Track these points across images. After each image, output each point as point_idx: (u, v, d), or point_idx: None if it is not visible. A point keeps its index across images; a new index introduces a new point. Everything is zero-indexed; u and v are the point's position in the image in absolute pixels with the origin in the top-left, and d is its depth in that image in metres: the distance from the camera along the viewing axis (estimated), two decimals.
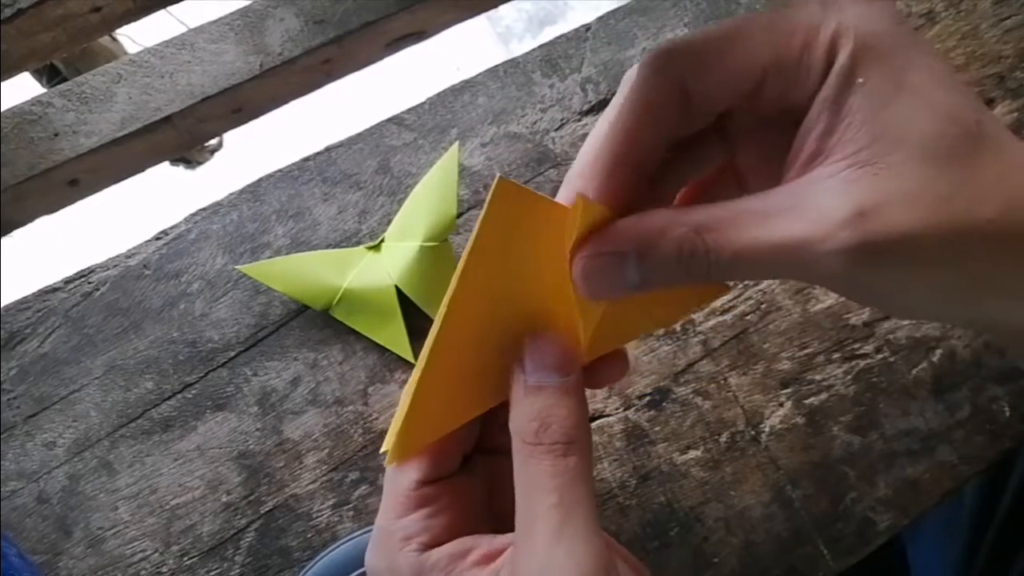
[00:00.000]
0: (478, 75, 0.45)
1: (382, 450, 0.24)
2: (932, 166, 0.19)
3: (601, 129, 0.22)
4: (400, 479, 0.24)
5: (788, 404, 0.38)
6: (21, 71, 0.54)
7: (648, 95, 0.21)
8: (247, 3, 0.55)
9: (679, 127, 0.22)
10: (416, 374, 0.23)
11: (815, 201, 0.20)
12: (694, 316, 0.40)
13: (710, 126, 0.23)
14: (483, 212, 0.22)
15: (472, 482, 0.25)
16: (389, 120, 0.44)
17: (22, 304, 0.41)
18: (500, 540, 0.23)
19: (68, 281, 0.41)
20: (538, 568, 0.21)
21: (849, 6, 0.20)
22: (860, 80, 0.20)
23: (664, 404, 0.38)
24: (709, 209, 0.20)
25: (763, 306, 0.40)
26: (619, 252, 0.21)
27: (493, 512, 0.26)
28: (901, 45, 0.20)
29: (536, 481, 0.22)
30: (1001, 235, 0.19)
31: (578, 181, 0.22)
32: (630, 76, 0.22)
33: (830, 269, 0.19)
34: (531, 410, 0.22)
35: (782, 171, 0.22)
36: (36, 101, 0.53)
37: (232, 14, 0.55)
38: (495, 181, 0.21)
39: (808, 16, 0.20)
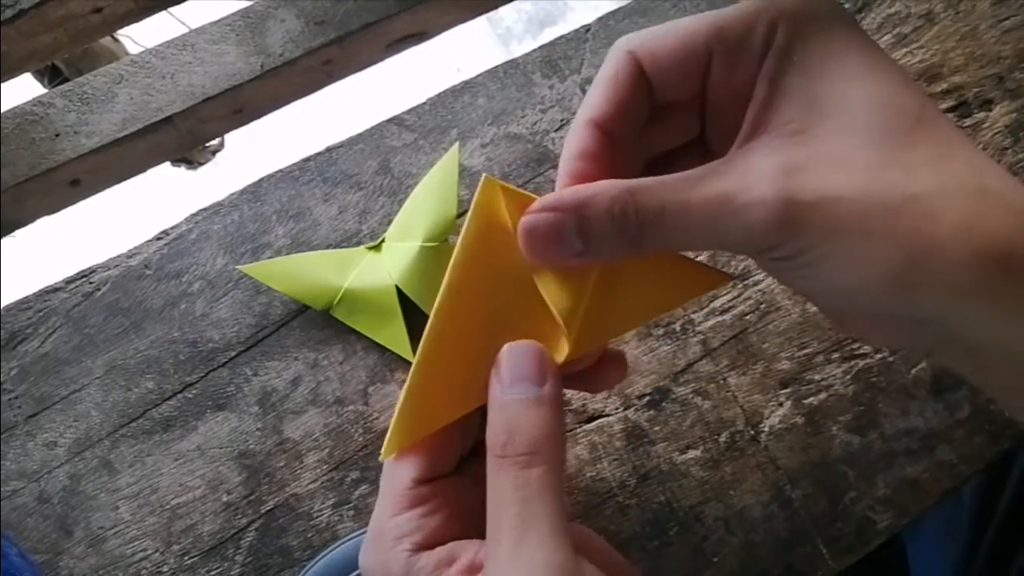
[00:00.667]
0: (478, 76, 0.45)
1: (381, 456, 0.24)
2: (862, 136, 0.20)
3: (578, 116, 0.24)
4: (396, 477, 0.24)
5: (787, 404, 0.38)
6: (22, 72, 0.54)
7: (614, 69, 0.23)
8: (248, 4, 0.56)
9: (644, 105, 0.24)
10: (412, 368, 0.24)
11: (744, 163, 0.21)
12: (693, 316, 0.40)
13: (686, 106, 0.24)
14: (470, 209, 0.23)
15: (467, 483, 0.25)
16: (390, 121, 0.44)
17: (23, 304, 0.41)
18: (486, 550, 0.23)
19: (69, 281, 0.41)
20: None
21: None
22: (795, 58, 0.21)
23: (664, 404, 0.38)
24: (649, 178, 0.22)
25: (762, 306, 0.40)
26: (558, 209, 0.22)
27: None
28: (837, 27, 0.21)
29: (501, 492, 0.22)
30: (932, 215, 0.19)
31: (563, 168, 0.24)
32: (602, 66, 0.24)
33: (752, 227, 0.20)
34: (501, 421, 0.23)
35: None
36: (37, 101, 0.53)
37: (233, 15, 0.55)
38: (482, 179, 0.23)
39: (751, 3, 0.22)
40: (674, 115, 0.25)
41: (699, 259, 0.39)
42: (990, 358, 0.21)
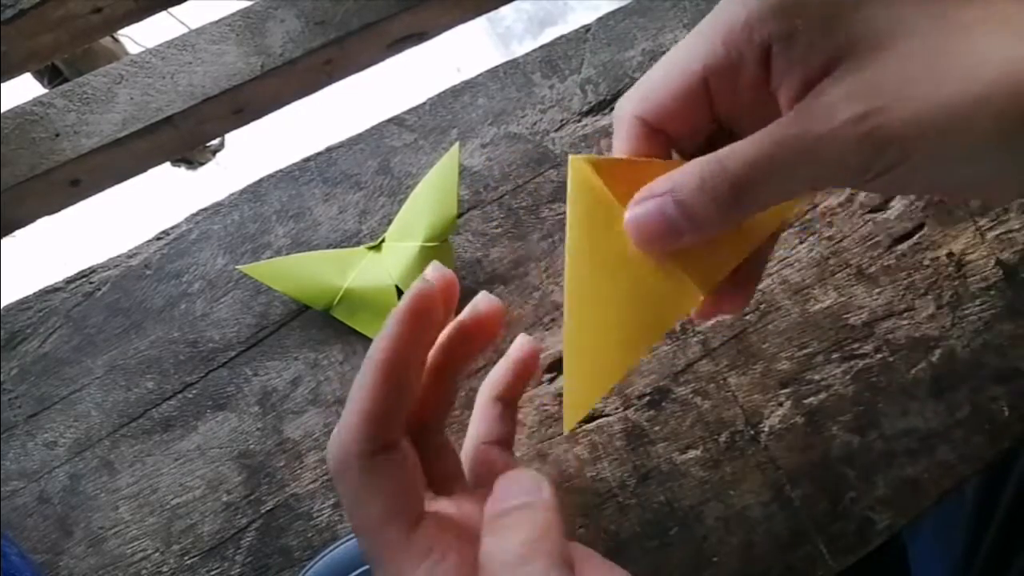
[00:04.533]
0: (478, 76, 0.45)
1: (565, 430, 0.25)
2: (910, 39, 0.20)
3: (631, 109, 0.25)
4: (381, 530, 0.24)
5: (787, 404, 0.38)
6: (23, 72, 0.54)
7: (628, 140, 0.25)
8: (248, 4, 0.56)
9: (665, 147, 0.25)
10: (564, 351, 0.25)
11: (813, 102, 0.21)
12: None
13: (709, 119, 0.25)
14: (568, 193, 0.24)
15: (403, 460, 0.25)
16: (390, 121, 0.44)
17: (23, 304, 0.41)
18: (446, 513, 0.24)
19: (69, 281, 0.41)
20: None
21: None
22: (800, 35, 0.21)
23: (664, 404, 0.38)
24: (733, 144, 0.22)
25: (762, 306, 0.40)
26: (654, 196, 0.23)
27: (429, 479, 0.26)
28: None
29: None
30: (1009, 65, 0.19)
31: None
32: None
33: (842, 148, 0.20)
34: (511, 528, 0.22)
35: None
36: (37, 101, 0.53)
37: (233, 15, 0.55)
38: (569, 162, 0.24)
39: (725, 13, 0.22)
40: (701, 135, 0.26)
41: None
42: None
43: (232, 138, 1.33)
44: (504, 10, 1.52)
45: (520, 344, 0.30)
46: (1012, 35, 0.20)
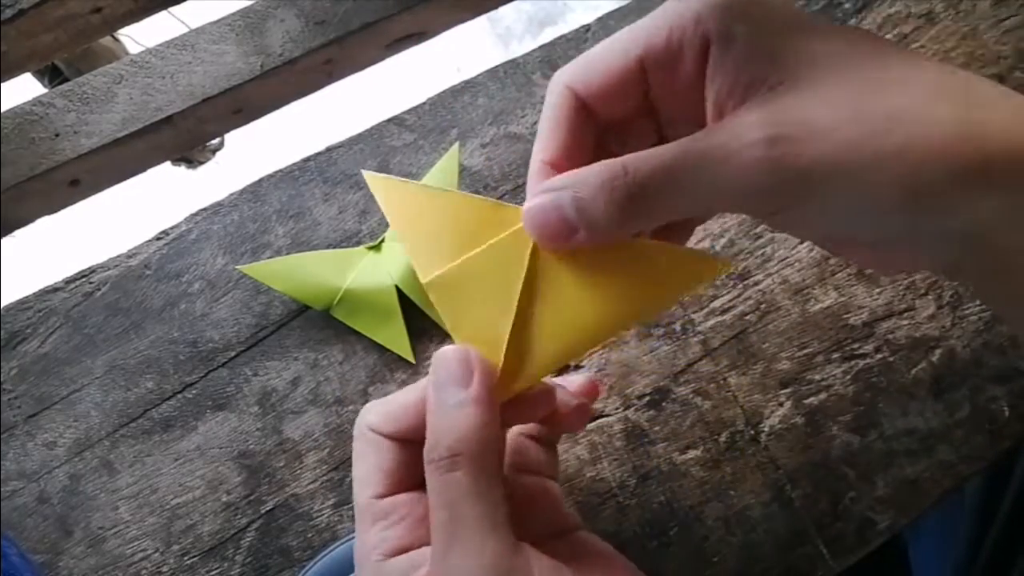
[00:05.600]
0: (478, 76, 0.45)
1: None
2: (834, 75, 0.20)
3: (532, 159, 0.25)
4: (358, 495, 0.25)
5: (787, 404, 0.38)
6: (22, 71, 0.54)
7: (555, 108, 0.24)
8: (248, 4, 0.56)
9: (591, 132, 0.25)
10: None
11: (729, 122, 0.21)
12: (693, 316, 0.40)
13: (641, 110, 0.25)
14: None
15: (423, 495, 0.26)
16: (389, 120, 0.44)
17: (23, 304, 0.41)
18: None
19: (69, 281, 0.41)
20: None
21: None
22: (739, 39, 0.21)
23: (664, 404, 0.38)
24: (641, 151, 0.22)
25: (762, 306, 0.40)
26: (553, 190, 0.23)
27: None
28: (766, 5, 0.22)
29: (432, 498, 0.23)
30: (922, 121, 0.19)
31: (530, 184, 0.25)
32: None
33: (746, 171, 0.20)
34: (428, 427, 0.23)
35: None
36: (37, 101, 0.53)
37: (233, 15, 0.55)
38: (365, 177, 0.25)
39: (672, 6, 0.22)
40: (630, 127, 0.26)
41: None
42: (1012, 262, 0.21)
43: (232, 138, 1.33)
44: (504, 10, 1.52)
45: (580, 383, 0.29)
46: (941, 100, 0.20)
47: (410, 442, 0.24)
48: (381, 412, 0.25)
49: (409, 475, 0.25)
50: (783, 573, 0.36)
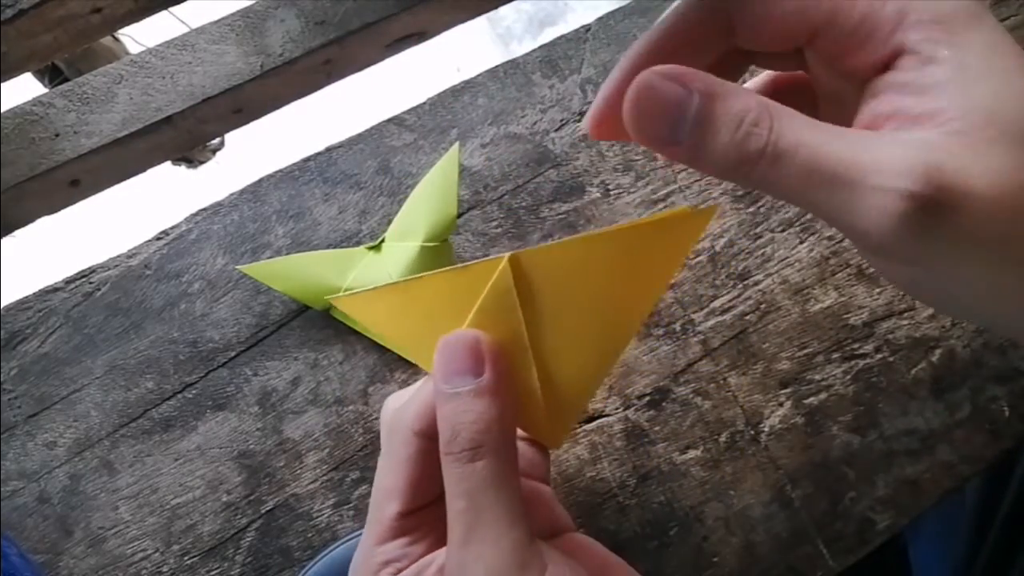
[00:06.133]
0: (478, 76, 0.45)
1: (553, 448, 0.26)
2: (1015, 141, 0.18)
3: (638, 42, 0.22)
4: (382, 509, 0.25)
5: (788, 404, 0.38)
6: (22, 72, 0.54)
7: (689, 18, 0.21)
8: (248, 4, 0.56)
9: (716, 53, 0.22)
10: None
11: (888, 144, 0.18)
12: (693, 316, 0.40)
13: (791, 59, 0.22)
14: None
15: (442, 505, 0.26)
16: (389, 121, 0.44)
17: (23, 304, 0.41)
18: None
19: (69, 281, 0.41)
20: (453, 573, 0.22)
21: None
22: (945, 53, 0.19)
23: (664, 404, 0.38)
24: (790, 108, 0.19)
25: (763, 306, 0.40)
26: (687, 86, 0.19)
27: None
28: (984, 21, 0.19)
29: (450, 488, 0.22)
30: None
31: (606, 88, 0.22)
32: None
33: (880, 212, 0.18)
34: (443, 418, 0.23)
35: (852, 114, 0.21)
36: (37, 101, 0.53)
37: (233, 15, 0.55)
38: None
39: None
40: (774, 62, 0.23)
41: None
42: None
43: (232, 138, 1.33)
44: (504, 10, 1.52)
45: None
46: None
47: (431, 438, 0.24)
48: (418, 413, 0.24)
49: (431, 485, 0.24)
50: (783, 573, 0.36)
